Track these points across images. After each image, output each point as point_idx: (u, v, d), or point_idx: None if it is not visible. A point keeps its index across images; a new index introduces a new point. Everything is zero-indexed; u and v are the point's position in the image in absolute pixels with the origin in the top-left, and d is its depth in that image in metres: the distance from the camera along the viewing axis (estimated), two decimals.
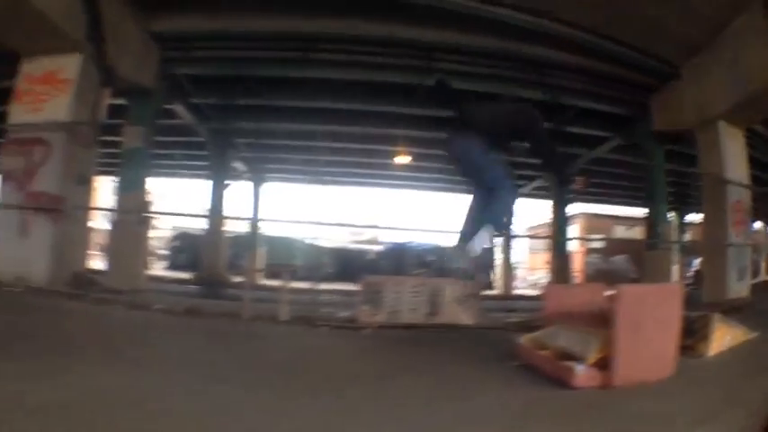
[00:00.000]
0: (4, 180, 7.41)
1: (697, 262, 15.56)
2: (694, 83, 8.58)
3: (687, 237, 20.44)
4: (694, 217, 19.47)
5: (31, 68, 7.64)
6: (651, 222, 11.55)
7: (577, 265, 21.48)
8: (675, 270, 14.36)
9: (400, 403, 2.65)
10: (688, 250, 17.52)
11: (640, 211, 16.32)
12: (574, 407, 2.69)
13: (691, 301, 4.32)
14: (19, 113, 7.56)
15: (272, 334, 4.82)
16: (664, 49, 8.59)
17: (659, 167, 11.13)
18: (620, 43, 8.38)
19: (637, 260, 15.81)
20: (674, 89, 9.26)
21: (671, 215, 17.71)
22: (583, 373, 3.00)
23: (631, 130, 11.20)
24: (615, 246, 21.62)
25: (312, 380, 3.08)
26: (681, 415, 2.58)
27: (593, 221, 27.27)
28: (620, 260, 19.53)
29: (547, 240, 19.07)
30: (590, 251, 23.50)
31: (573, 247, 21.55)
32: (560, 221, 16.00)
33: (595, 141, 12.71)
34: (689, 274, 16.82)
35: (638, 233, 23.27)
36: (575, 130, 11.57)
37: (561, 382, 3.04)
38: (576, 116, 10.95)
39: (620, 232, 28.21)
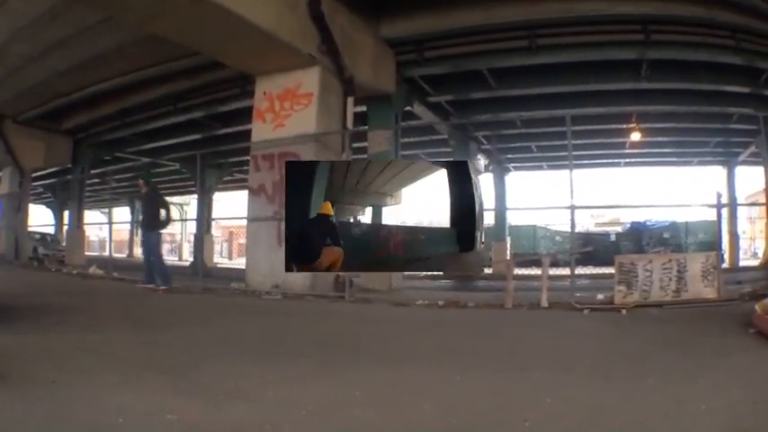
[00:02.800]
0: (255, 194, 8.08)
1: None
2: None
3: None
4: None
5: (266, 87, 8.24)
6: None
7: None
8: None
9: (662, 376, 2.94)
10: None
11: None
12: None
13: None
14: (263, 131, 8.25)
15: (540, 320, 5.28)
16: None
17: None
18: None
19: None
20: None
21: None
22: None
23: None
24: None
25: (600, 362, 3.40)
26: None
27: None
28: None
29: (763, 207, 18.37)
30: None
31: None
32: None
33: None
34: None
35: None
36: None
37: None
38: None
39: None
